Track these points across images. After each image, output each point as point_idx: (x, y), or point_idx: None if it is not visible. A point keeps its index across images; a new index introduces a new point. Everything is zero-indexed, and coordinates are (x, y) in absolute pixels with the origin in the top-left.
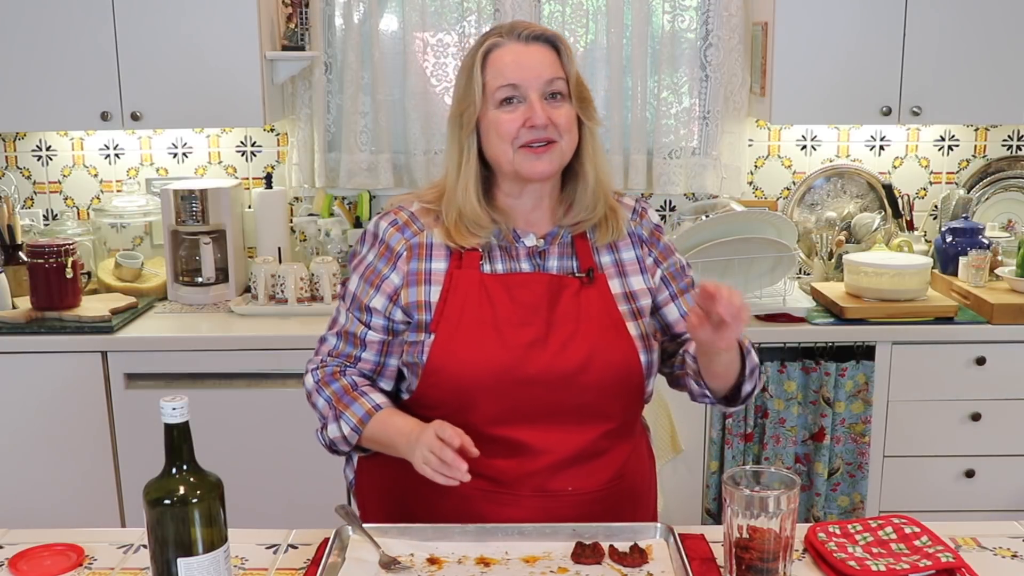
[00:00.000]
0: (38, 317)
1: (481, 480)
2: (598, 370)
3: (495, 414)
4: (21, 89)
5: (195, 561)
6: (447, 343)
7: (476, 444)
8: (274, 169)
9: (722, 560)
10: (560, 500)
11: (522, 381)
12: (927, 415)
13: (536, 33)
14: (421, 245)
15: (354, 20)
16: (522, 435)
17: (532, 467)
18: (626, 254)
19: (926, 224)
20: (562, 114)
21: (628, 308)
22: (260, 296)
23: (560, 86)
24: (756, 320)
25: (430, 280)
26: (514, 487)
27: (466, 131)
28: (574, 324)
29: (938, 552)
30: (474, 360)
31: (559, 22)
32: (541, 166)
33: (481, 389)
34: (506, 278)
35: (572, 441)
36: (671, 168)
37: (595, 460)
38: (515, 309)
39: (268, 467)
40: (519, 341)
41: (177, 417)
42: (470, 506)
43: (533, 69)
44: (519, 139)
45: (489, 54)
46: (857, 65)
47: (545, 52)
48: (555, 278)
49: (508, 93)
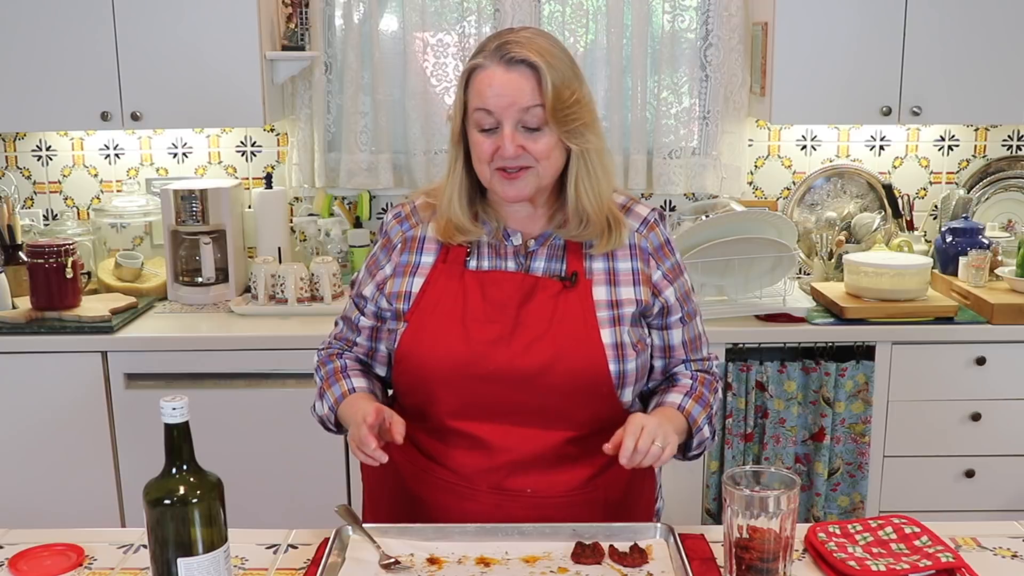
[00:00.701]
0: (38, 317)
1: (443, 471)
2: (561, 374)
3: (455, 407)
4: (21, 89)
5: (195, 561)
6: (415, 333)
7: (438, 435)
8: (274, 169)
9: (722, 560)
10: (518, 501)
11: (482, 377)
12: (927, 415)
13: (520, 57)
14: (414, 239)
15: (354, 20)
16: (481, 431)
17: (490, 464)
18: (622, 264)
19: (926, 224)
20: (540, 145)
21: (609, 315)
22: (260, 296)
23: (537, 115)
24: (756, 320)
25: (416, 272)
26: (472, 481)
27: (454, 140)
28: (544, 326)
29: (938, 552)
30: (436, 351)
31: (559, 22)
32: (513, 191)
33: (441, 381)
34: (483, 275)
35: (533, 443)
36: (671, 168)
37: (560, 465)
38: (484, 306)
39: (268, 467)
40: (482, 337)
41: (177, 417)
42: (431, 494)
43: (509, 97)
44: (494, 163)
45: (472, 75)
46: (857, 65)
47: (525, 79)
48: (532, 279)
49: (484, 118)
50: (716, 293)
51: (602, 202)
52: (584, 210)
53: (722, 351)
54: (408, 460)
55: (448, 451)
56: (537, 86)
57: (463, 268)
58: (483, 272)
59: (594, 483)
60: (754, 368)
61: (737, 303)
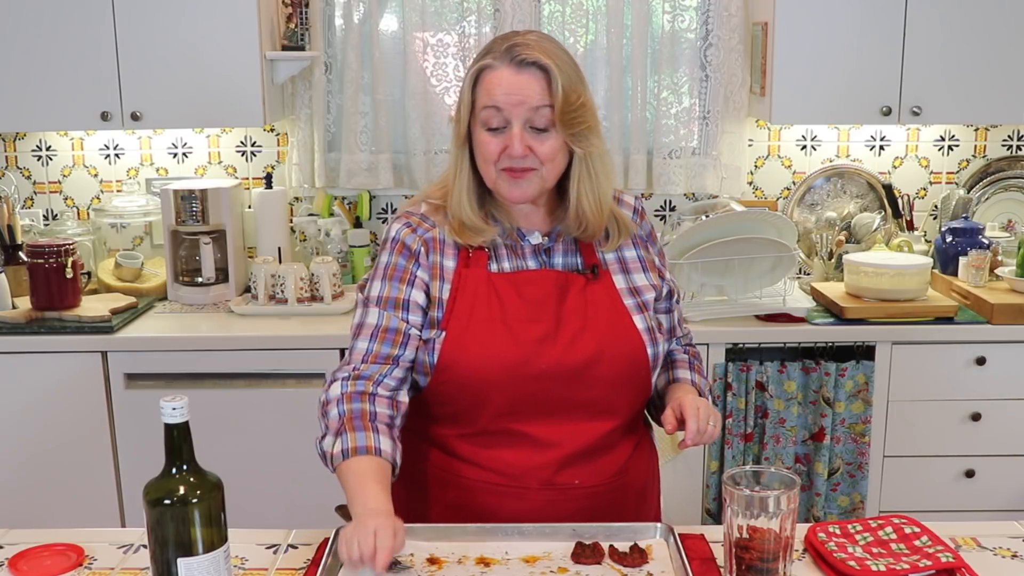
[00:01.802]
0: (38, 317)
1: (488, 473)
2: (608, 363)
3: (506, 409)
4: (21, 89)
5: (195, 561)
6: (458, 340)
7: (482, 439)
8: (274, 169)
9: (722, 560)
10: (566, 494)
11: (533, 376)
12: (927, 415)
13: (530, 59)
14: (435, 240)
15: (354, 20)
16: (532, 429)
17: (541, 460)
18: (628, 252)
19: (926, 224)
20: (546, 147)
21: (633, 302)
22: (260, 296)
23: (545, 115)
24: (756, 320)
25: (443, 276)
26: (522, 480)
27: (459, 142)
28: (582, 319)
29: (938, 552)
30: (485, 356)
31: (559, 22)
32: (518, 192)
33: (493, 385)
34: (514, 276)
35: (581, 435)
36: (671, 168)
37: (602, 455)
38: (524, 305)
39: (268, 467)
40: (529, 337)
41: (177, 417)
42: (473, 498)
43: (520, 96)
44: (500, 163)
45: (481, 74)
46: (857, 65)
47: (535, 80)
48: (561, 274)
49: (493, 115)
50: (716, 293)
51: (603, 205)
52: (584, 213)
53: (722, 351)
54: (441, 468)
55: (495, 453)
56: (547, 87)
57: (487, 271)
58: (511, 273)
59: (626, 468)
60: (754, 368)
61: (737, 303)
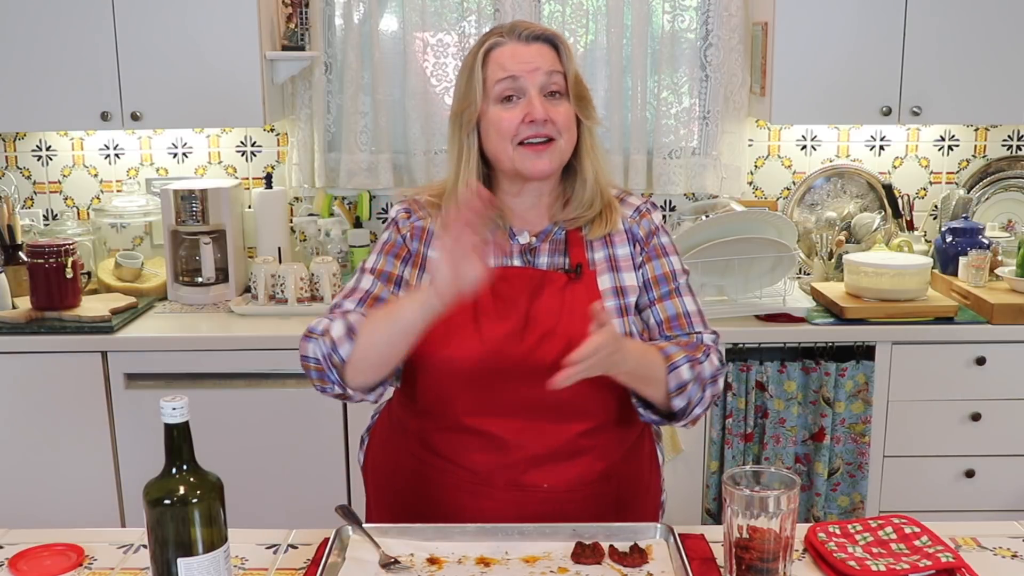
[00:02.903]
0: (38, 317)
1: (459, 470)
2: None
3: (472, 405)
4: (21, 89)
5: (195, 561)
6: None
7: (453, 434)
8: (274, 169)
9: (722, 560)
10: (534, 496)
11: (498, 373)
12: (927, 415)
13: (536, 33)
14: (423, 230)
15: (354, 20)
16: (497, 428)
17: (506, 460)
18: (620, 250)
19: (926, 224)
20: (561, 112)
21: (615, 304)
22: (260, 296)
23: (559, 82)
24: (756, 320)
25: (423, 266)
26: (489, 479)
27: (466, 130)
28: (555, 319)
29: (938, 552)
30: (451, 351)
31: (559, 22)
32: (541, 164)
33: (459, 379)
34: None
35: (549, 437)
36: (671, 168)
37: (574, 459)
38: (494, 302)
39: (268, 467)
40: (494, 334)
41: (177, 417)
42: (450, 495)
43: (532, 63)
44: (518, 136)
45: (490, 52)
46: (857, 65)
47: (545, 50)
48: (539, 273)
49: (508, 86)
50: (716, 293)
51: (607, 177)
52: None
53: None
54: (420, 460)
55: (464, 450)
56: (557, 57)
57: None
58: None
59: (606, 476)
60: (754, 368)
61: (737, 303)
